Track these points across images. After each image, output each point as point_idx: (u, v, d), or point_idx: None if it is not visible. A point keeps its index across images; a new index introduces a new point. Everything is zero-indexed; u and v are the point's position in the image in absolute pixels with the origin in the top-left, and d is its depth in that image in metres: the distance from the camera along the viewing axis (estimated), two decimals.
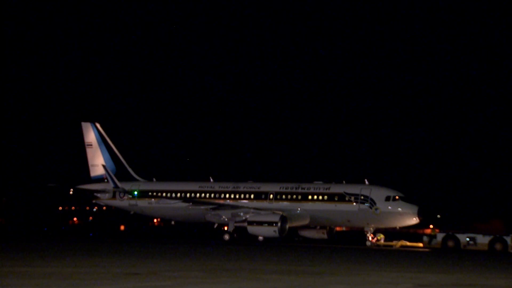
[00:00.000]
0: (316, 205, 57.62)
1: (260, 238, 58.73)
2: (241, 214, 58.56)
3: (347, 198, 56.44)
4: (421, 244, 57.79)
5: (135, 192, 63.33)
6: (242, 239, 59.23)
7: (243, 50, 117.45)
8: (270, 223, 56.03)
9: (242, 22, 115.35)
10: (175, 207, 62.13)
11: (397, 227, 57.87)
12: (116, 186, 62.36)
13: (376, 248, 53.98)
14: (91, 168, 68.07)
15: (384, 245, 58.37)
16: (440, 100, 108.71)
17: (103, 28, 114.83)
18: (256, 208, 58.38)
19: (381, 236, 58.88)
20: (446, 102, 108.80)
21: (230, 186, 61.93)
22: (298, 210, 58.15)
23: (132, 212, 65.95)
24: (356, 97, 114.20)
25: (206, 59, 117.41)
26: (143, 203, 64.14)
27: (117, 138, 69.87)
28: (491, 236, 54.41)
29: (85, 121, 69.13)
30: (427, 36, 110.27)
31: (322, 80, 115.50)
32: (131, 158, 69.71)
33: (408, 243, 59.59)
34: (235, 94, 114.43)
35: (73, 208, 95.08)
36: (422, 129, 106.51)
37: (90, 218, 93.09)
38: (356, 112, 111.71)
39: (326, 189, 58.05)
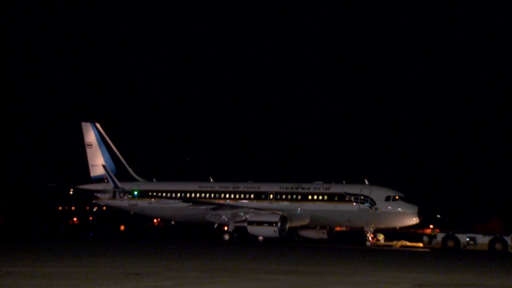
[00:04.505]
0: (316, 205, 57.61)
1: (260, 238, 58.71)
2: (241, 214, 58.52)
3: (347, 198, 56.42)
4: (421, 244, 57.76)
5: (135, 192, 63.33)
6: (242, 239, 59.21)
7: (243, 50, 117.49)
8: (270, 223, 56.00)
9: (242, 22, 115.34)
10: (175, 207, 62.12)
11: (397, 227, 57.87)
12: (116, 186, 62.34)
13: (376, 248, 53.95)
14: (91, 168, 68.09)
15: (384, 245, 58.35)
16: (440, 100, 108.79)
17: (103, 28, 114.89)
18: (256, 208, 58.35)
19: (381, 236, 58.88)
20: (446, 102, 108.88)
21: (230, 186, 61.91)
22: (298, 210, 58.12)
23: (132, 212, 65.95)
24: (356, 97, 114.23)
25: (206, 58, 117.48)
26: (143, 203, 64.14)
27: (117, 138, 69.97)
28: (491, 236, 54.39)
29: (85, 121, 69.16)
30: (426, 36, 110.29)
31: (322, 80, 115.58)
32: (131, 158, 69.77)
33: (408, 243, 59.57)
34: (235, 94, 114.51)
35: (73, 208, 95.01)
36: (422, 129, 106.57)
37: (90, 218, 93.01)
38: (356, 112, 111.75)
39: (326, 189, 58.03)
